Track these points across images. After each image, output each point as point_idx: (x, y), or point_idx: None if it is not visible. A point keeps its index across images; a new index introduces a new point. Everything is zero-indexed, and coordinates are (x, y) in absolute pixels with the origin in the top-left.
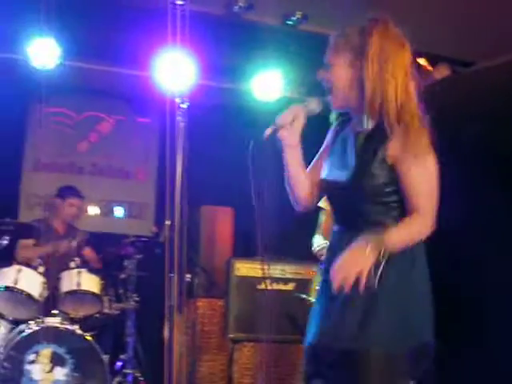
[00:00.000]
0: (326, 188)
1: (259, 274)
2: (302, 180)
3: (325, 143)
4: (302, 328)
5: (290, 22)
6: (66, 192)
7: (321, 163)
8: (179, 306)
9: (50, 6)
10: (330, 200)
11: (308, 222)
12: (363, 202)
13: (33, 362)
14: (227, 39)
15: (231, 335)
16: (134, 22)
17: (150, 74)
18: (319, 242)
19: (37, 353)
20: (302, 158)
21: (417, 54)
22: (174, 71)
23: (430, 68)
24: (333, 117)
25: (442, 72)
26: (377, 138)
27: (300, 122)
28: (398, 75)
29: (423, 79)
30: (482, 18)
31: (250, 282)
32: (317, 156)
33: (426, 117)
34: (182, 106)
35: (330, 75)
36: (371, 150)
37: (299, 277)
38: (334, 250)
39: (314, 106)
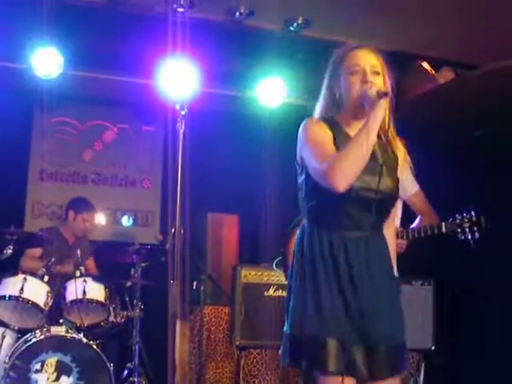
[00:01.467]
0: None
1: (265, 280)
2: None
3: (327, 135)
4: None
5: (292, 28)
6: (80, 206)
7: None
8: (183, 313)
9: (53, 16)
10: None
11: None
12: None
13: (39, 371)
14: (229, 46)
15: (238, 342)
16: (137, 30)
17: (153, 82)
18: None
19: (43, 362)
20: None
21: (420, 57)
22: (177, 79)
23: (433, 72)
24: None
25: (446, 76)
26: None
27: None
28: None
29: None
30: (484, 20)
31: (256, 289)
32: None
33: None
34: (182, 113)
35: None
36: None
37: None
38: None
39: None
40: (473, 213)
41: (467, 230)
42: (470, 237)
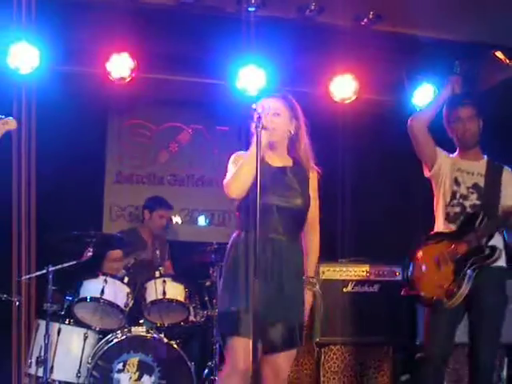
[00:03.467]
0: None
1: (344, 277)
2: None
3: None
4: (386, 330)
5: (362, 23)
6: (155, 203)
7: None
8: None
9: (127, 20)
10: None
11: (393, 223)
12: None
13: (121, 370)
14: (300, 43)
15: (317, 339)
16: (209, 31)
17: (226, 82)
18: None
19: (125, 362)
20: None
21: (494, 47)
22: (250, 77)
23: (507, 61)
24: None
25: None
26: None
27: None
28: None
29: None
30: None
31: (334, 285)
32: None
33: None
34: (259, 111)
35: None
36: None
37: (384, 278)
38: None
39: None
40: None
41: None
42: None
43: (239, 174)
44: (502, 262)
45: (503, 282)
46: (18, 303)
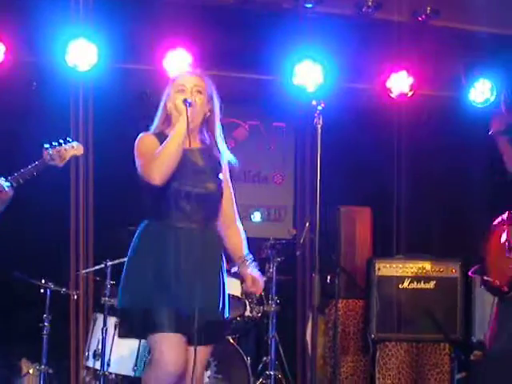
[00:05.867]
0: None
1: (400, 273)
2: None
3: (152, 144)
4: (443, 327)
5: (420, 18)
6: None
7: None
8: (321, 306)
9: (182, 17)
10: None
11: (450, 219)
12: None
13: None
14: (357, 39)
15: (373, 335)
16: (266, 27)
17: (282, 78)
18: None
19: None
20: None
21: None
22: (307, 73)
23: None
24: None
25: None
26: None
27: None
28: None
29: None
30: None
31: (390, 282)
32: None
33: None
34: (318, 108)
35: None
36: None
37: (440, 275)
38: None
39: None
40: None
41: None
42: None
43: (165, 156)
44: None
45: None
46: (75, 297)
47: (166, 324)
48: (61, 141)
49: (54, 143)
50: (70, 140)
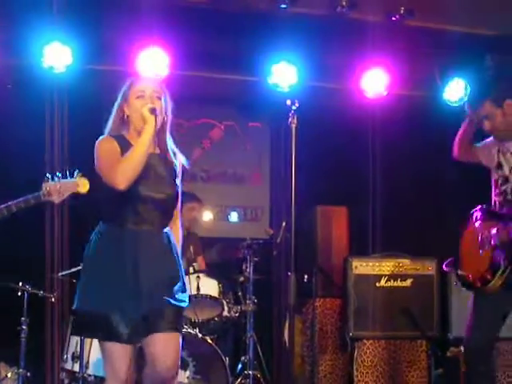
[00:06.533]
0: None
1: (376, 271)
2: None
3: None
4: (420, 324)
5: (394, 18)
6: (184, 196)
7: None
8: (298, 305)
9: (157, 18)
10: None
11: (425, 217)
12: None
13: None
14: (332, 39)
15: (351, 333)
16: (240, 28)
17: (258, 79)
18: None
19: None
20: None
21: None
22: (282, 74)
23: None
24: None
25: None
26: None
27: None
28: None
29: None
30: None
31: (367, 280)
32: None
33: None
34: (292, 107)
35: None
36: None
37: (417, 273)
38: None
39: None
40: None
41: None
42: None
43: (131, 162)
44: None
45: None
46: (53, 300)
47: (119, 333)
48: (63, 173)
49: (56, 175)
50: (76, 173)
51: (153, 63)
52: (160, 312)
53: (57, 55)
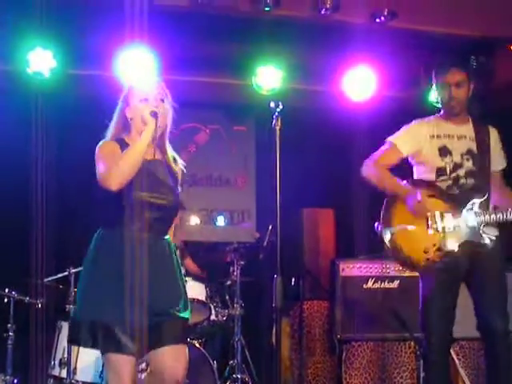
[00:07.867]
0: None
1: (363, 273)
2: None
3: (114, 151)
4: (408, 326)
5: (378, 20)
6: None
7: None
8: (285, 308)
9: (139, 22)
10: None
11: None
12: None
13: (144, 370)
14: (316, 41)
15: (338, 336)
16: (224, 31)
17: (242, 82)
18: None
19: (147, 361)
20: None
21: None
22: (266, 77)
23: None
24: None
25: None
26: None
27: None
28: None
29: None
30: None
31: (354, 282)
32: None
33: None
34: (276, 109)
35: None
36: None
37: (404, 274)
38: None
39: None
40: None
41: None
42: None
43: (125, 165)
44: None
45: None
46: (39, 306)
47: (123, 345)
48: None
49: None
50: None
51: (140, 68)
52: (166, 325)
53: (41, 61)
